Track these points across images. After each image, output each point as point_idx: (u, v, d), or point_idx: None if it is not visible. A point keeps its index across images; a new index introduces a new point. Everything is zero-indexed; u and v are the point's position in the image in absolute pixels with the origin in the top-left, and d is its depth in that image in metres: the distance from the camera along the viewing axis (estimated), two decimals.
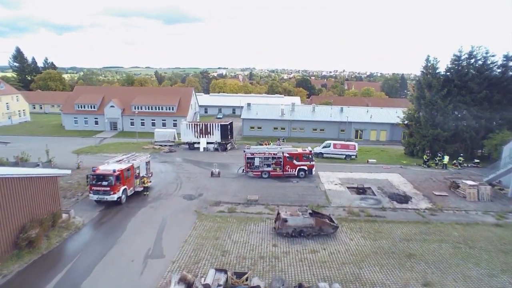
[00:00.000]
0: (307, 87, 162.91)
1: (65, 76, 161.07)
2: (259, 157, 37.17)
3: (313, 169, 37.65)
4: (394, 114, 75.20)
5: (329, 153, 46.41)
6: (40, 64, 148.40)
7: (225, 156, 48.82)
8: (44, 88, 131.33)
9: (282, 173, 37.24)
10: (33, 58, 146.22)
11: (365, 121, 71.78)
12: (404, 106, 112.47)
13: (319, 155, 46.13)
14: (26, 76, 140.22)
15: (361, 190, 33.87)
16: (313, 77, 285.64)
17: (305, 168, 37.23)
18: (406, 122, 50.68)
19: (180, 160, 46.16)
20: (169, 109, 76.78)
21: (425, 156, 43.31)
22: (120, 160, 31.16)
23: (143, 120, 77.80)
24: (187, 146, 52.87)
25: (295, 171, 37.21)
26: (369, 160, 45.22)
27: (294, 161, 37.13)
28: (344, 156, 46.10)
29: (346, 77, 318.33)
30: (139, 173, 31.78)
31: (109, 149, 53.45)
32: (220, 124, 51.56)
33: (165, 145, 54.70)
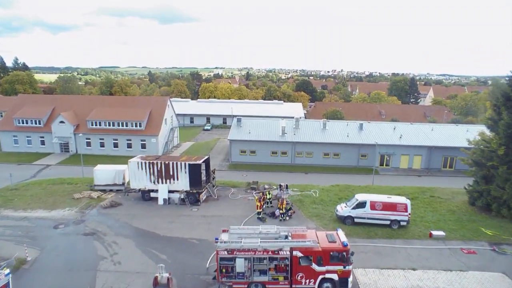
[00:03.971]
0: (308, 90, 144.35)
1: (60, 76, 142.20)
2: (245, 258, 18.97)
3: (350, 279, 19.36)
4: (430, 132, 57.72)
5: (364, 218, 28.05)
6: (9, 64, 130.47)
7: (195, 217, 30.33)
8: (10, 93, 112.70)
9: (289, 287, 19.11)
10: (1, 58, 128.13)
11: (393, 143, 53.64)
12: (420, 115, 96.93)
13: (347, 220, 28.01)
14: None
15: None
16: (311, 77, 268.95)
17: (335, 277, 19.03)
18: (475, 157, 32.53)
19: (118, 227, 27.94)
20: (136, 126, 58.68)
21: None
22: None
23: (102, 139, 59.82)
24: (140, 194, 34.59)
25: (314, 283, 19.02)
26: (433, 232, 26.92)
27: (314, 265, 18.87)
28: (389, 221, 27.89)
29: (345, 77, 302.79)
30: None
31: (25, 198, 35.34)
32: (189, 164, 32.88)
33: (111, 190, 36.58)
